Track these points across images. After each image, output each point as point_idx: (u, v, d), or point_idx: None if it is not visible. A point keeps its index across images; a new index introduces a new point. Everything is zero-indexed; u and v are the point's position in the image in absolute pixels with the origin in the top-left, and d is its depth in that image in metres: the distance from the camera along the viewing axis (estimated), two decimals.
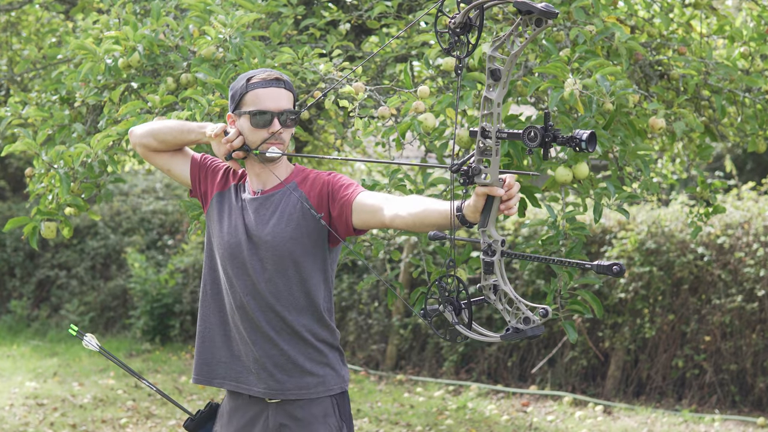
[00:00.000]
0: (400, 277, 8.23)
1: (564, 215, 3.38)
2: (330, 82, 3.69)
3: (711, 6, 4.49)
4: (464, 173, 2.18)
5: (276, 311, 2.66)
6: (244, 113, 2.68)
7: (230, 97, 2.74)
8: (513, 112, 3.45)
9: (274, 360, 2.66)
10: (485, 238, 2.22)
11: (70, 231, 3.79)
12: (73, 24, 6.02)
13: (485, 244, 2.22)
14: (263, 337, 2.66)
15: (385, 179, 3.47)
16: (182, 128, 2.84)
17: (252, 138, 2.68)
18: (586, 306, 3.36)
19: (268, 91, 2.68)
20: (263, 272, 2.66)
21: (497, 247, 2.21)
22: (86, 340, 2.79)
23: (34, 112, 4.09)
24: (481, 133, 2.17)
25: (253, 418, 2.71)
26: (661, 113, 3.65)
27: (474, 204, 2.23)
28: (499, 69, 2.16)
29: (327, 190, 2.65)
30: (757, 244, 6.91)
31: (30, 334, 10.16)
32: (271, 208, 2.69)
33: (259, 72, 2.72)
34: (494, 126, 2.16)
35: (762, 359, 6.96)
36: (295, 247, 2.65)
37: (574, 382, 7.58)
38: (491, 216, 2.21)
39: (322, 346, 2.70)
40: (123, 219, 10.79)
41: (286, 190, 2.69)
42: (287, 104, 2.69)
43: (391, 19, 4.28)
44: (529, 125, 2.15)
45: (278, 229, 2.65)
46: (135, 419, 6.55)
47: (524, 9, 2.05)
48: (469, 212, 2.26)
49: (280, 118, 2.67)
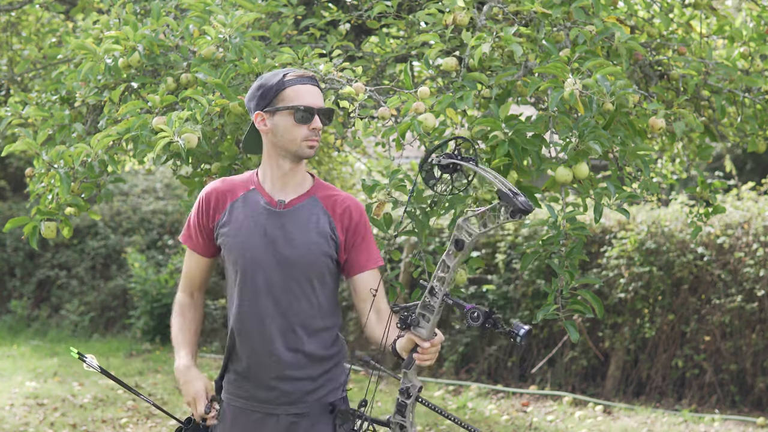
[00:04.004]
0: (400, 277, 8.23)
1: (564, 215, 3.38)
2: (330, 82, 3.69)
3: (711, 6, 4.49)
4: (403, 319, 2.39)
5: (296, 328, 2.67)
6: (284, 109, 2.62)
7: (258, 95, 2.66)
8: (513, 112, 3.45)
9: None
10: (405, 380, 2.46)
11: (70, 231, 3.79)
12: (73, 24, 6.02)
13: (404, 386, 2.46)
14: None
15: (386, 179, 3.47)
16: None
17: (291, 134, 2.63)
18: (587, 306, 3.35)
19: (308, 88, 2.65)
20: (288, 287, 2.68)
21: (413, 392, 2.46)
22: (88, 362, 2.79)
23: (34, 112, 4.09)
24: (429, 291, 2.36)
25: (263, 418, 2.70)
26: (661, 113, 3.65)
27: (402, 346, 2.48)
28: (464, 241, 2.30)
29: (353, 229, 2.71)
30: (756, 244, 6.92)
31: (30, 334, 10.16)
32: (300, 220, 2.69)
33: (289, 70, 2.68)
34: (443, 290, 2.35)
35: (762, 359, 6.96)
36: (325, 261, 2.68)
37: (574, 382, 7.58)
38: (415, 362, 2.45)
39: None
40: (123, 219, 10.79)
41: (312, 203, 2.70)
42: (322, 102, 2.68)
43: (391, 18, 4.28)
44: (474, 306, 2.34)
45: (309, 241, 2.67)
46: (135, 419, 6.55)
47: (504, 200, 2.23)
48: (399, 347, 2.51)
49: (320, 115, 2.66)
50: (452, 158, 2.31)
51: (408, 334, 2.42)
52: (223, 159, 3.73)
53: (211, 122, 3.52)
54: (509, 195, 2.21)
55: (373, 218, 3.33)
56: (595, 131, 3.27)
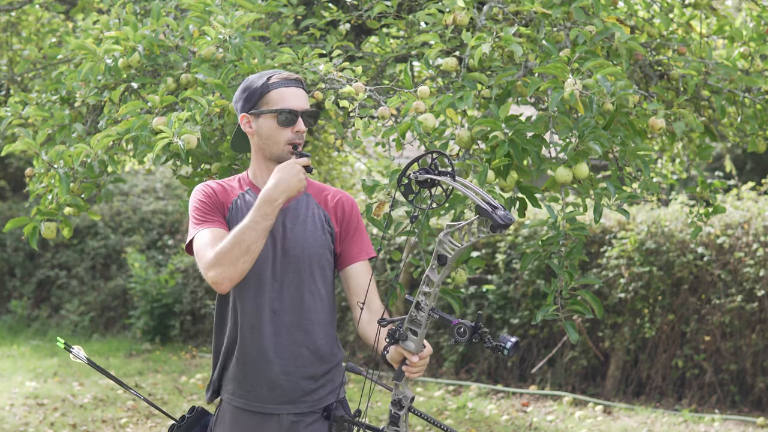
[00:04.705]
0: (400, 277, 8.24)
1: (564, 215, 3.38)
2: (330, 82, 3.69)
3: (711, 6, 4.49)
4: (391, 334, 2.39)
5: (301, 322, 2.68)
6: (267, 112, 2.64)
7: (244, 97, 2.67)
8: (513, 112, 3.45)
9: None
10: (397, 391, 2.45)
11: (70, 231, 3.79)
12: (73, 24, 6.02)
13: (396, 397, 2.44)
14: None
15: (386, 179, 3.47)
16: (260, 221, 2.52)
17: (276, 138, 2.64)
18: (587, 306, 3.35)
19: (292, 90, 2.65)
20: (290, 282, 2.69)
21: (406, 403, 2.43)
22: (74, 353, 2.78)
23: (34, 112, 4.09)
24: (415, 306, 2.36)
25: (264, 418, 2.69)
26: (661, 113, 3.65)
27: (392, 357, 2.45)
28: (446, 256, 2.30)
29: (346, 220, 2.72)
30: (756, 244, 6.92)
31: (30, 334, 10.16)
32: (300, 216, 2.70)
33: (274, 72, 2.69)
34: (429, 304, 2.35)
35: (762, 359, 6.96)
36: (324, 253, 2.70)
37: (574, 382, 7.58)
38: (405, 374, 2.44)
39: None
40: (123, 219, 10.79)
41: (305, 199, 2.72)
42: (307, 104, 2.68)
43: (391, 18, 4.28)
44: (460, 321, 2.34)
45: (309, 235, 2.68)
46: (135, 419, 6.55)
47: (483, 215, 2.21)
48: (389, 358, 2.47)
49: (304, 118, 2.66)
50: (429, 173, 2.30)
51: (396, 348, 2.43)
52: (223, 159, 3.73)
53: (210, 123, 3.52)
54: (488, 210, 2.20)
55: (373, 218, 3.33)
56: (595, 131, 3.27)
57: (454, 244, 2.28)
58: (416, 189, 2.34)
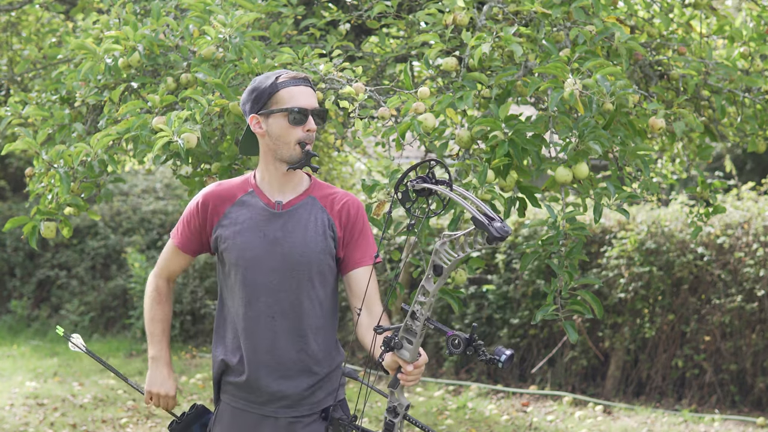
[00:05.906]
0: (400, 277, 8.24)
1: (564, 215, 3.38)
2: (330, 82, 3.69)
3: (711, 6, 4.49)
4: (387, 342, 2.39)
5: (300, 327, 2.68)
6: (278, 111, 2.63)
7: (252, 99, 2.67)
8: (513, 112, 3.45)
9: None
10: (392, 399, 2.47)
11: (70, 231, 3.79)
12: (73, 24, 6.02)
13: (391, 405, 2.46)
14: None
15: (386, 179, 3.47)
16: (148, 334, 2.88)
17: (286, 137, 2.63)
18: (587, 306, 3.36)
19: (301, 89, 2.65)
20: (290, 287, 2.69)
21: (401, 410, 2.46)
22: (72, 341, 2.78)
23: (34, 111, 4.09)
24: (411, 315, 2.36)
25: (261, 419, 2.70)
26: (661, 113, 3.65)
27: (388, 364, 2.47)
28: (442, 266, 2.29)
29: (351, 225, 2.72)
30: (756, 244, 6.91)
31: (30, 334, 10.16)
32: (300, 221, 2.69)
33: (282, 72, 2.68)
34: (425, 314, 2.35)
35: (762, 359, 6.96)
36: (325, 259, 2.69)
37: (574, 382, 7.58)
38: (400, 382, 2.45)
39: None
40: (123, 219, 10.79)
41: (310, 203, 2.71)
42: (315, 103, 2.68)
43: (391, 18, 4.28)
44: (454, 333, 2.34)
45: (309, 240, 2.68)
46: (135, 419, 6.55)
47: (479, 227, 2.19)
48: (385, 365, 2.50)
49: (313, 116, 2.66)
50: (426, 182, 2.29)
51: (392, 356, 2.43)
52: (223, 159, 3.73)
53: (210, 122, 3.52)
54: (484, 222, 2.17)
55: (373, 218, 3.33)
56: (595, 131, 3.27)
57: (450, 255, 2.27)
58: (413, 197, 2.33)
